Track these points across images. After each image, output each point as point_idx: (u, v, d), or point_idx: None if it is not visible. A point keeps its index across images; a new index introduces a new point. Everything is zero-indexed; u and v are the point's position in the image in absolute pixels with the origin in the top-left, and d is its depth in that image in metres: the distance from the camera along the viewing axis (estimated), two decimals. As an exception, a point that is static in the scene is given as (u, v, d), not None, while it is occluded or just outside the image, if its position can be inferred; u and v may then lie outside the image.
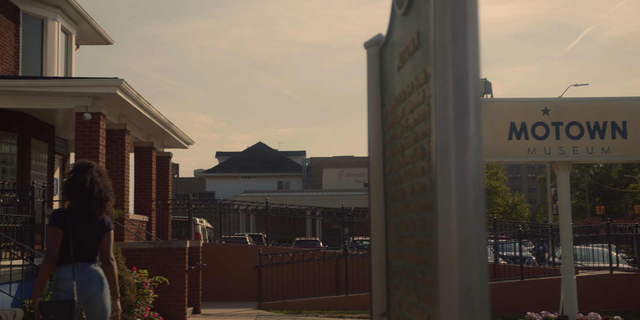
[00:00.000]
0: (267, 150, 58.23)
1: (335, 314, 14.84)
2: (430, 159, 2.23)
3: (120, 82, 12.18)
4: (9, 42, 14.75)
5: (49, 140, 16.27)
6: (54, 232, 5.06)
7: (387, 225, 3.12)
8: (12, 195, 10.93)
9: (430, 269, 2.23)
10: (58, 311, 4.91)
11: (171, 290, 12.54)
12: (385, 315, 3.10)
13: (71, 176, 5.26)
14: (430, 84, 2.23)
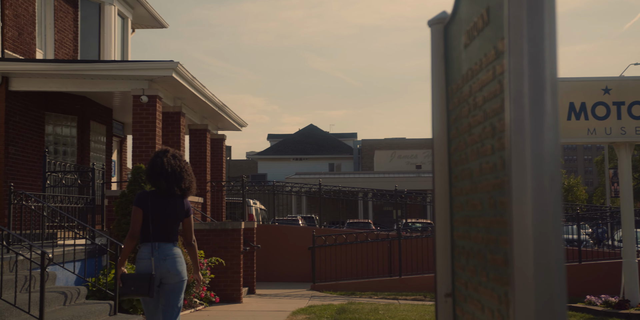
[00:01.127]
0: (319, 133, 58.30)
1: (389, 295, 14.85)
2: (502, 137, 2.18)
3: (176, 64, 12.32)
4: (68, 26, 15.05)
5: (107, 122, 16.60)
6: (135, 211, 5.48)
7: (452, 205, 3.08)
8: (74, 177, 11.21)
9: (501, 249, 2.19)
10: (138, 283, 5.36)
11: (227, 271, 12.73)
12: (450, 295, 3.07)
13: (154, 162, 5.63)
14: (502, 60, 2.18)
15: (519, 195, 1.72)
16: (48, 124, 14.16)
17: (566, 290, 1.60)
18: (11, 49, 12.71)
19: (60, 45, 14.71)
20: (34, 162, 13.40)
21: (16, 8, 12.87)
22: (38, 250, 6.68)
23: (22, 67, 12.40)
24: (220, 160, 18.95)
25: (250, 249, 14.35)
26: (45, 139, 13.95)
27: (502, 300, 2.15)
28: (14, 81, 12.63)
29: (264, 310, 11.54)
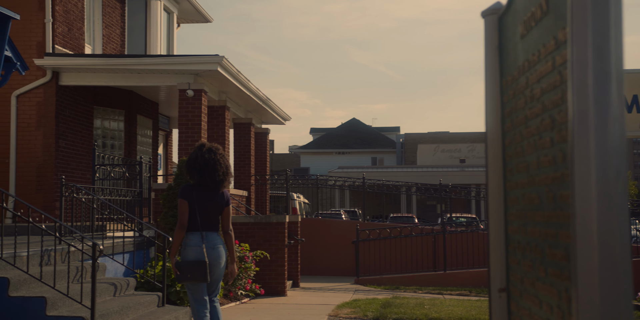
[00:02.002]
0: (361, 126, 58.17)
1: (434, 290, 14.76)
2: (562, 129, 2.13)
3: (221, 59, 12.40)
4: (116, 22, 15.27)
5: (153, 116, 16.81)
6: (181, 203, 5.82)
7: (506, 199, 3.03)
8: (122, 170, 11.38)
9: (561, 244, 2.14)
10: (195, 269, 5.70)
11: (271, 264, 12.79)
12: (504, 290, 3.03)
13: (190, 156, 6.00)
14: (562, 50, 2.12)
15: (582, 189, 1.68)
16: (96, 117, 14.41)
17: (632, 287, 1.56)
18: (61, 44, 12.95)
19: (108, 41, 14.94)
20: (83, 155, 13.66)
21: (66, 4, 13.10)
22: (89, 242, 6.81)
23: (71, 62, 12.63)
24: (264, 154, 19.05)
25: (294, 242, 14.40)
26: (93, 133, 14.20)
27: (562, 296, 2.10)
28: (64, 76, 12.87)
29: (309, 304, 11.58)
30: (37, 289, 6.81)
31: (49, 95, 12.68)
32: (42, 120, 12.60)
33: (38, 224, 6.90)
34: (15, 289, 6.52)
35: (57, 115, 12.71)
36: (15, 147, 12.54)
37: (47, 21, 12.55)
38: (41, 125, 12.61)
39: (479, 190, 24.81)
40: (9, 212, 10.02)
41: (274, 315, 10.04)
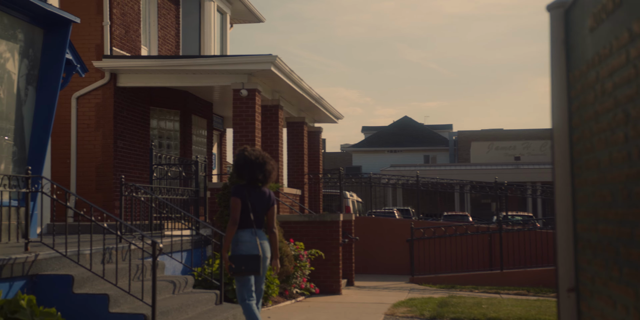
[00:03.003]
0: (413, 124, 57.77)
1: (490, 289, 14.56)
2: (637, 124, 2.06)
3: (274, 58, 12.46)
4: (170, 23, 15.51)
5: (208, 116, 17.01)
6: (235, 201, 6.15)
7: (574, 196, 2.95)
8: (178, 169, 11.55)
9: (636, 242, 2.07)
10: (249, 263, 6.05)
11: (326, 263, 12.80)
12: (573, 290, 2.95)
13: (235, 160, 6.42)
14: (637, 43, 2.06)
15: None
16: (153, 118, 14.65)
17: None
18: (118, 46, 13.21)
19: (164, 42, 15.17)
20: (140, 155, 13.90)
21: (123, 7, 13.36)
22: (149, 240, 6.93)
23: (128, 63, 12.87)
24: (317, 152, 19.08)
25: (348, 241, 14.39)
26: (150, 133, 14.44)
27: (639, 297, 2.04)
28: (122, 77, 13.12)
29: (364, 302, 11.55)
30: (99, 286, 6.95)
31: (108, 96, 12.94)
32: (101, 121, 12.88)
33: (99, 222, 7.05)
34: (79, 286, 6.68)
35: (115, 116, 12.97)
36: (75, 148, 12.84)
37: (105, 24, 12.81)
38: (100, 126, 12.88)
39: (535, 188, 24.35)
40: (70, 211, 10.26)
41: (330, 313, 10.05)
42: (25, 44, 8.65)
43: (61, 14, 8.58)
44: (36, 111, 8.79)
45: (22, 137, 8.70)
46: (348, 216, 14.73)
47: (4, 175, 6.53)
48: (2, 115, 8.28)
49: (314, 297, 12.02)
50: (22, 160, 8.70)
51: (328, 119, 19.26)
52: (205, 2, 16.29)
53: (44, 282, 6.52)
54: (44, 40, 8.88)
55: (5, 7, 8.12)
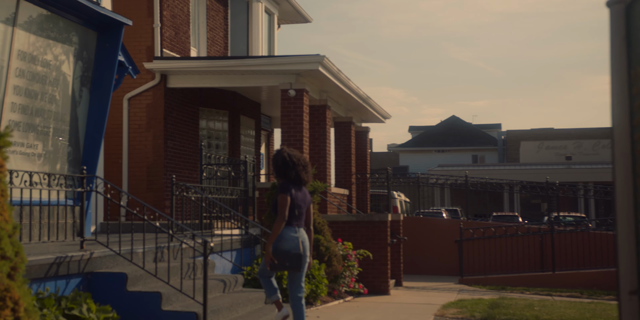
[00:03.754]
0: (461, 124, 57.19)
1: (542, 291, 14.32)
2: None
3: (322, 58, 12.47)
4: (219, 25, 15.66)
5: (256, 117, 17.13)
6: (284, 197, 6.34)
7: (636, 196, 2.87)
8: (227, 169, 11.65)
9: None
10: (292, 260, 6.32)
11: (374, 263, 12.76)
12: (635, 293, 2.87)
13: (275, 159, 6.62)
14: None
15: None
16: (202, 118, 14.82)
17: None
18: (168, 48, 13.39)
19: (212, 43, 15.33)
20: (189, 155, 14.07)
21: (173, 9, 13.54)
22: (200, 239, 7.00)
23: (178, 65, 13.04)
24: (365, 152, 19.04)
25: (397, 241, 14.32)
26: (199, 133, 14.60)
27: None
28: (172, 78, 13.30)
29: (413, 303, 11.48)
30: (152, 284, 7.06)
31: (158, 97, 13.13)
32: (151, 122, 13.07)
33: (152, 221, 7.15)
34: (132, 284, 6.79)
35: (165, 117, 13.16)
36: (127, 148, 13.06)
37: (155, 26, 13.00)
38: (151, 126, 13.08)
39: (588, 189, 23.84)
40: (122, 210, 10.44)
41: (379, 313, 10.01)
42: (80, 47, 8.83)
43: (114, 17, 8.73)
44: (90, 112, 8.97)
45: (77, 138, 8.88)
46: (396, 216, 14.66)
47: (60, 175, 6.68)
48: (58, 117, 8.47)
49: (362, 297, 11.99)
50: (77, 161, 8.88)
51: (375, 118, 19.20)
52: (253, 3, 16.40)
53: (98, 279, 6.65)
54: (98, 42, 9.06)
55: (60, 10, 8.31)
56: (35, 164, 8.10)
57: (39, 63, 8.09)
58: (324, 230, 11.10)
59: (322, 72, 12.80)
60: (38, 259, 5.76)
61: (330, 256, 10.96)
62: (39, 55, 8.08)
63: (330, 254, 10.96)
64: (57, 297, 5.44)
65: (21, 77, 7.79)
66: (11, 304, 3.30)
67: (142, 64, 12.84)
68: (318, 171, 14.34)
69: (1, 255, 3.39)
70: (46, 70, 8.21)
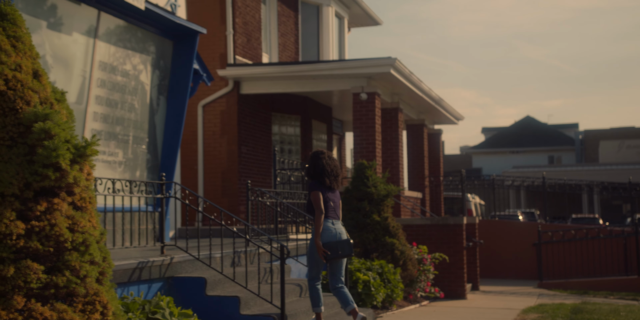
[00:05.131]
0: (536, 124, 55.90)
1: (627, 296, 13.81)
2: None
3: (394, 61, 12.40)
4: (290, 30, 15.78)
5: (327, 121, 17.17)
6: (316, 194, 6.92)
7: None
8: (300, 174, 11.69)
9: None
10: (344, 247, 6.83)
11: (450, 267, 12.58)
12: None
13: (311, 162, 7.08)
14: None
15: None
16: (274, 124, 14.95)
17: None
18: (241, 54, 13.58)
19: (284, 49, 15.46)
20: (262, 160, 14.21)
21: (245, 16, 13.73)
22: (276, 244, 7.04)
23: (251, 71, 13.20)
24: (437, 155, 18.82)
25: (472, 244, 14.10)
26: (272, 138, 14.73)
27: None
28: (244, 85, 13.47)
29: (491, 308, 11.25)
30: (230, 288, 7.14)
31: (232, 104, 13.33)
32: (225, 128, 13.27)
33: (229, 226, 7.24)
34: (211, 288, 6.89)
35: (239, 123, 13.33)
36: (202, 154, 13.30)
37: (228, 33, 13.21)
38: (225, 132, 13.27)
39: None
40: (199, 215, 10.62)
41: (456, 318, 9.85)
42: (157, 56, 9.05)
43: (189, 26, 8.91)
44: (167, 120, 9.17)
45: (155, 145, 9.09)
46: (471, 219, 14.43)
47: (140, 182, 6.84)
48: (137, 125, 8.69)
49: (439, 301, 11.84)
50: (155, 167, 9.09)
51: (448, 120, 18.96)
52: (323, 7, 16.47)
53: (179, 284, 6.77)
54: (174, 51, 9.26)
55: (138, 21, 8.53)
56: (116, 171, 8.33)
57: (119, 73, 8.33)
58: (399, 234, 11.01)
59: (393, 74, 12.72)
60: (122, 263, 5.91)
61: (405, 260, 10.87)
62: (119, 66, 8.32)
63: (405, 257, 10.87)
64: (140, 301, 5.57)
65: (102, 87, 8.03)
66: (100, 308, 3.39)
67: (216, 71, 13.05)
68: (391, 174, 14.25)
69: (90, 261, 3.49)
70: (125, 79, 8.44)
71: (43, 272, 3.32)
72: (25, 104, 3.51)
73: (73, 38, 7.54)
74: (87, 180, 3.70)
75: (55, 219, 3.42)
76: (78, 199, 3.62)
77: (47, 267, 3.36)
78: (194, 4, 13.00)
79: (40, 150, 3.39)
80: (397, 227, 11.04)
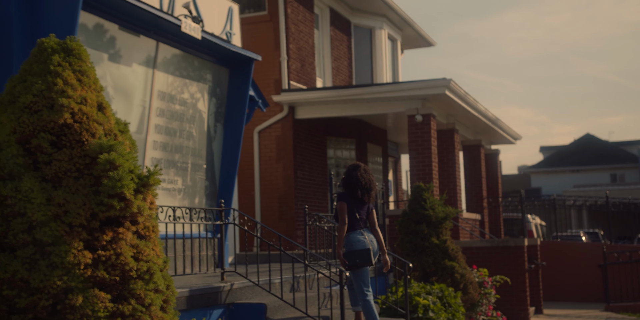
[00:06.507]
0: (596, 142, 54.62)
1: (700, 319, 13.27)
2: None
3: (449, 82, 12.33)
4: (343, 54, 15.88)
5: (382, 143, 17.13)
6: (342, 204, 7.04)
7: None
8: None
9: None
10: (362, 256, 6.84)
11: (512, 289, 12.32)
12: None
13: (346, 174, 7.23)
14: None
15: None
16: (329, 147, 14.99)
17: None
18: (295, 79, 13.71)
19: (337, 72, 15.55)
20: (318, 184, 14.24)
21: (298, 41, 13.88)
22: (334, 269, 7.01)
23: (305, 96, 13.31)
24: (495, 175, 18.55)
25: (535, 266, 13.79)
26: (327, 162, 14.77)
27: None
28: (299, 110, 13.58)
29: (557, 332, 10.94)
30: (290, 314, 7.13)
31: (287, 129, 13.43)
32: (281, 153, 13.37)
33: (288, 251, 7.26)
34: (272, 314, 6.89)
35: (294, 148, 13.41)
36: (259, 180, 13.41)
37: (282, 59, 13.37)
38: (281, 157, 13.37)
39: None
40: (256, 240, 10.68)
41: (521, 344, 9.60)
42: (213, 84, 9.21)
43: (245, 53, 9.06)
44: (224, 147, 9.29)
45: (213, 172, 9.21)
46: (533, 241, 14.14)
47: (200, 209, 6.93)
48: (195, 152, 8.83)
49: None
50: (214, 194, 9.20)
51: (505, 140, 18.70)
52: (376, 30, 16.53)
53: (239, 310, 6.79)
54: (230, 78, 9.41)
55: (195, 50, 8.72)
56: (175, 199, 8.46)
57: (177, 102, 8.50)
58: (458, 257, 10.85)
59: (449, 95, 12.65)
60: (184, 290, 5.97)
61: (466, 283, 10.68)
62: (177, 94, 8.49)
63: (466, 281, 10.68)
64: (202, 327, 5.61)
65: (161, 116, 8.21)
66: (165, 337, 3.42)
67: (271, 96, 13.20)
68: (448, 196, 14.09)
69: (154, 289, 3.53)
70: (183, 108, 8.61)
71: (109, 300, 3.38)
72: (91, 136, 3.61)
73: (132, 69, 7.75)
74: (150, 209, 3.77)
75: (121, 248, 3.48)
76: (142, 227, 3.68)
77: (113, 296, 3.41)
78: (248, 32, 13.22)
79: (106, 181, 3.48)
80: (456, 249, 10.88)
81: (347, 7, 15.92)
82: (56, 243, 3.40)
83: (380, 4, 15.83)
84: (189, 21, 7.97)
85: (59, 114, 3.57)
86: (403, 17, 16.88)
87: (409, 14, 17.00)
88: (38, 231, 3.39)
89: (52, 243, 3.39)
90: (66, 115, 3.58)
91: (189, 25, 7.90)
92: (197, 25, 8.10)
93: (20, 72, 3.79)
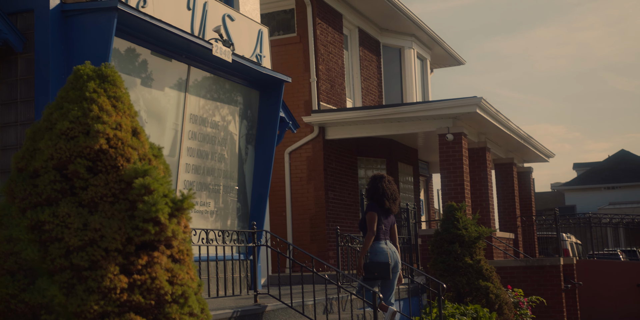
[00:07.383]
0: (632, 158, 53.71)
1: None
2: None
3: (479, 100, 12.28)
4: (373, 74, 15.93)
5: (413, 163, 17.07)
6: (372, 215, 7.12)
7: None
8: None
9: None
10: (380, 269, 6.97)
11: (548, 310, 12.13)
12: None
13: (371, 185, 7.34)
14: None
15: None
16: (360, 168, 14.98)
17: None
18: (325, 100, 13.77)
19: (367, 92, 15.58)
20: (349, 204, 14.21)
21: (328, 62, 13.96)
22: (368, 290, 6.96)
23: (335, 117, 13.35)
24: (528, 193, 18.35)
25: (571, 286, 13.54)
26: (358, 183, 14.74)
27: None
28: (329, 130, 13.61)
29: (596, 354, 10.70)
30: (323, 336, 7.09)
31: (317, 149, 13.46)
32: (312, 174, 13.39)
33: (321, 272, 7.24)
34: (305, 337, 6.86)
35: (325, 168, 13.43)
36: (290, 201, 13.43)
37: (312, 80, 13.45)
38: (311, 178, 13.38)
39: None
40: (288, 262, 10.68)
41: (559, 366, 9.41)
42: (244, 106, 9.29)
43: (275, 75, 9.13)
44: (256, 168, 9.34)
45: (245, 194, 9.25)
46: (569, 260, 13.89)
47: (232, 231, 6.95)
48: (227, 174, 8.89)
49: (539, 347, 11.35)
50: (245, 216, 9.23)
51: (538, 158, 18.53)
52: (405, 50, 16.57)
53: (273, 332, 6.77)
54: (260, 100, 9.49)
55: (226, 73, 8.81)
56: (208, 221, 8.50)
57: (209, 124, 8.58)
58: (493, 277, 10.71)
59: (480, 114, 12.59)
60: (218, 313, 5.97)
61: (501, 304, 10.53)
62: (208, 117, 8.57)
63: (501, 301, 10.53)
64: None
65: (193, 139, 8.29)
66: (200, 362, 3.43)
67: (301, 117, 13.26)
68: (481, 215, 13.96)
69: (189, 313, 3.54)
70: (215, 131, 8.68)
71: (145, 325, 3.40)
72: (126, 161, 3.65)
73: (165, 93, 7.85)
74: (184, 232, 3.79)
75: (156, 272, 3.50)
76: (176, 251, 3.70)
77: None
78: (278, 54, 13.34)
79: (141, 206, 3.51)
80: (490, 269, 10.75)
81: (375, 27, 15.99)
82: (93, 268, 3.43)
83: (408, 23, 15.88)
84: (220, 45, 8.07)
85: (95, 140, 3.62)
86: (432, 36, 16.90)
87: (437, 33, 17.01)
88: (75, 256, 3.43)
89: (89, 268, 3.43)
90: (102, 140, 3.63)
91: (220, 48, 7.99)
92: (228, 48, 8.20)
93: (57, 99, 3.87)
